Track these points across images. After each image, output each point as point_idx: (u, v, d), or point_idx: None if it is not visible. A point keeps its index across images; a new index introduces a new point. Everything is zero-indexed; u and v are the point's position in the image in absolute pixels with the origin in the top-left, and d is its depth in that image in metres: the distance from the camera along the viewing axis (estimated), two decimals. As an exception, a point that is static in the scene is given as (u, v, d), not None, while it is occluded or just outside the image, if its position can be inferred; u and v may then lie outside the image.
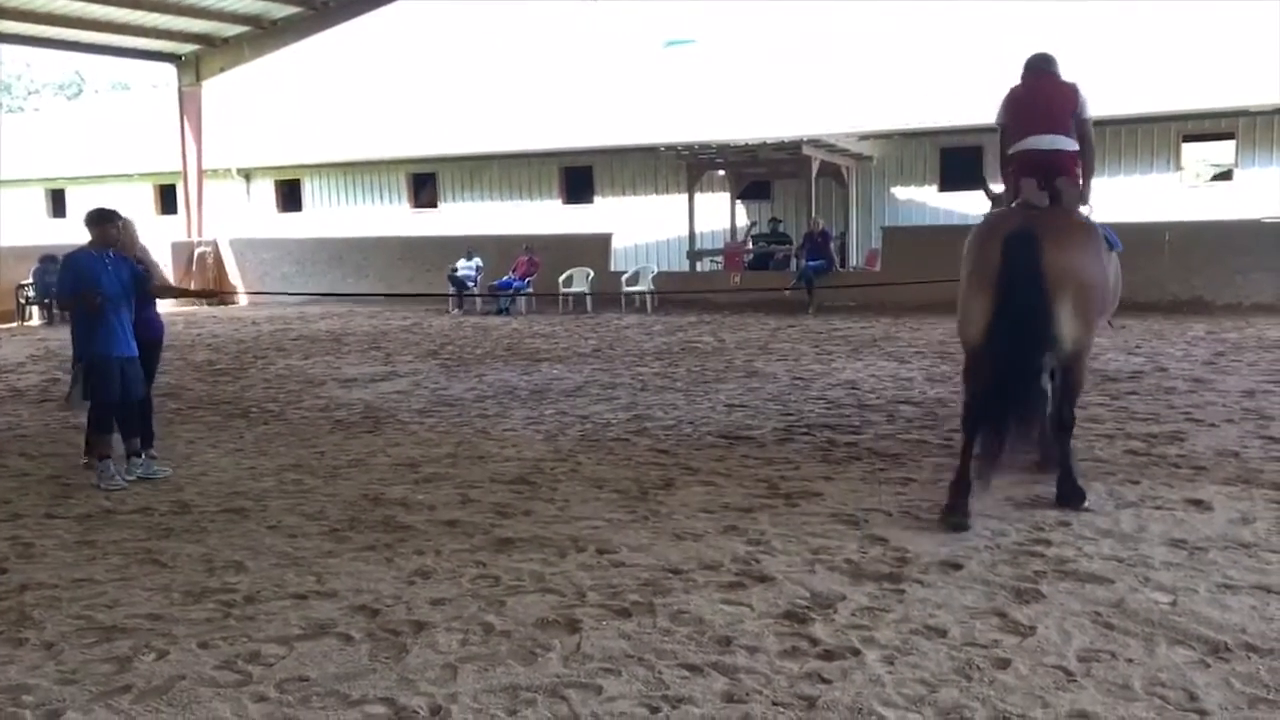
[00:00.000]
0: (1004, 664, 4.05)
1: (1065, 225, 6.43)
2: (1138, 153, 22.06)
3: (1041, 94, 7.30)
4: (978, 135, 22.68)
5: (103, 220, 7.50)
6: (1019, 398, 5.99)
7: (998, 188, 7.78)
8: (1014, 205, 6.94)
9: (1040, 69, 7.49)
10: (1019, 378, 6.00)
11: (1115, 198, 21.31)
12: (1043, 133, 7.05)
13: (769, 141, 21.05)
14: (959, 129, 22.69)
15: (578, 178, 27.04)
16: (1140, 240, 18.29)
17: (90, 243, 7.49)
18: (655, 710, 3.76)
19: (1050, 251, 6.07)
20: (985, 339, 6.12)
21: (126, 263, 7.60)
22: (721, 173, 23.88)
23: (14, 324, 19.71)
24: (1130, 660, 4.06)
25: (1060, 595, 4.74)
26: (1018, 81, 7.55)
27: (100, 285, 7.27)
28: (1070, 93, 7.18)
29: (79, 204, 32.21)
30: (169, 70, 25.10)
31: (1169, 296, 17.84)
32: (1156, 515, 5.93)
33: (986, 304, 6.11)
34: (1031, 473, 6.65)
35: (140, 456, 7.54)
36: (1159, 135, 21.98)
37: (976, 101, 22.38)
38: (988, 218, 7.00)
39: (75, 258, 7.50)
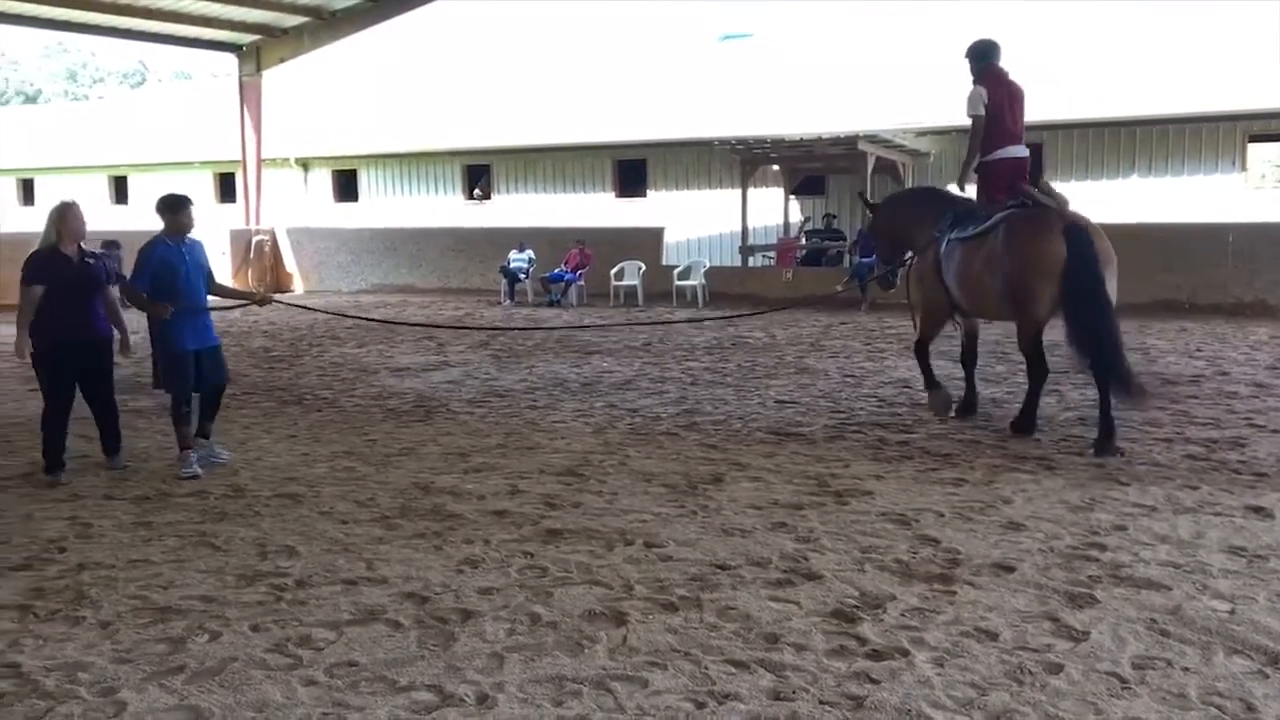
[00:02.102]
0: (1056, 669, 3.99)
1: (1089, 221, 8.09)
2: (1202, 153, 21.63)
3: (1019, 101, 8.65)
4: (1038, 132, 22.42)
5: (177, 206, 7.31)
6: (1098, 341, 7.61)
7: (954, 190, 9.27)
8: (1019, 204, 8.25)
9: (998, 61, 8.72)
10: (1094, 331, 7.62)
11: (1177, 198, 20.99)
12: (1020, 142, 8.59)
13: (824, 136, 20.90)
14: (1018, 126, 22.39)
15: (631, 171, 27.03)
16: (1203, 242, 18.03)
17: (164, 230, 7.31)
18: (701, 705, 3.75)
19: (1098, 241, 7.81)
20: (1066, 299, 7.66)
21: (201, 246, 7.49)
22: (775, 167, 23.76)
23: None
24: (1186, 669, 3.99)
25: (1115, 601, 4.66)
26: (997, 65, 8.67)
27: (181, 276, 7.15)
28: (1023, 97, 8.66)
29: (141, 191, 32.81)
30: (230, 60, 25.42)
31: (1231, 299, 17.49)
32: (1215, 521, 5.82)
33: (1052, 288, 7.67)
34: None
35: (208, 438, 7.52)
36: (1224, 135, 21.52)
37: (1037, 99, 22.14)
38: (1019, 215, 8.13)
39: (153, 251, 7.22)
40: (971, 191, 8.91)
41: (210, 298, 7.60)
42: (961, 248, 8.47)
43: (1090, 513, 6.03)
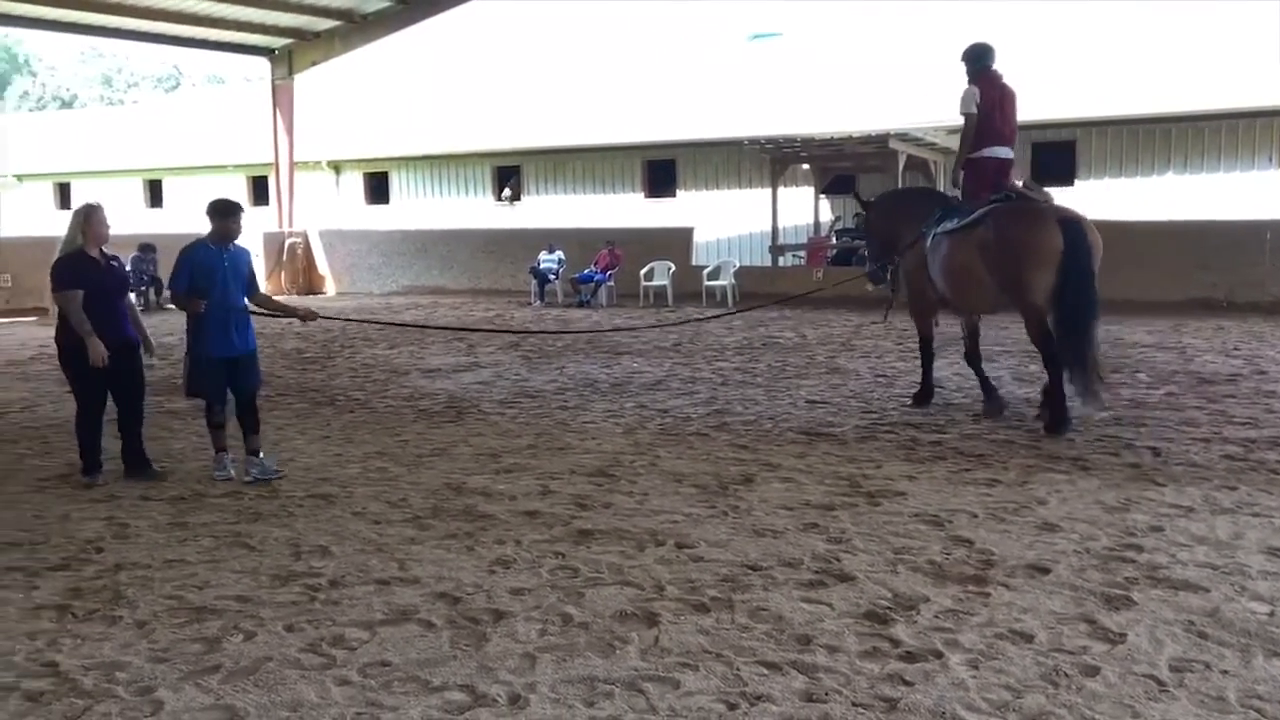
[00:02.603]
0: (1092, 671, 3.95)
1: (1080, 214, 8.48)
2: (1238, 149, 21.37)
3: (1010, 103, 9.14)
4: (1071, 130, 22.24)
5: (228, 211, 7.20)
6: (1082, 327, 8.05)
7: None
8: (1003, 198, 8.63)
9: (992, 64, 9.22)
10: (1082, 315, 8.06)
11: (1213, 195, 20.74)
12: (1008, 144, 9.09)
13: (855, 135, 20.81)
14: (1051, 123, 22.20)
15: (660, 171, 27.02)
16: (1240, 239, 17.83)
17: (209, 235, 7.19)
18: (733, 707, 3.74)
19: (1090, 233, 8.21)
20: (1060, 288, 8.04)
21: (246, 255, 7.37)
22: (806, 167, 23.68)
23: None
24: (1225, 671, 3.94)
25: (1152, 603, 4.61)
26: (991, 68, 9.18)
27: (216, 282, 7.03)
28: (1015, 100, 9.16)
29: (175, 194, 33.15)
30: (263, 64, 25.65)
31: (1269, 297, 17.28)
32: (1254, 522, 5.74)
33: (1051, 276, 8.05)
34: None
35: (259, 455, 7.27)
36: (1260, 131, 21.26)
37: (1069, 94, 21.96)
38: (1010, 209, 8.51)
39: (192, 253, 7.12)
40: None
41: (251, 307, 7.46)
42: (947, 241, 8.78)
43: (1126, 513, 5.97)
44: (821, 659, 4.11)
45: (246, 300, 7.35)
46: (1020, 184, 8.99)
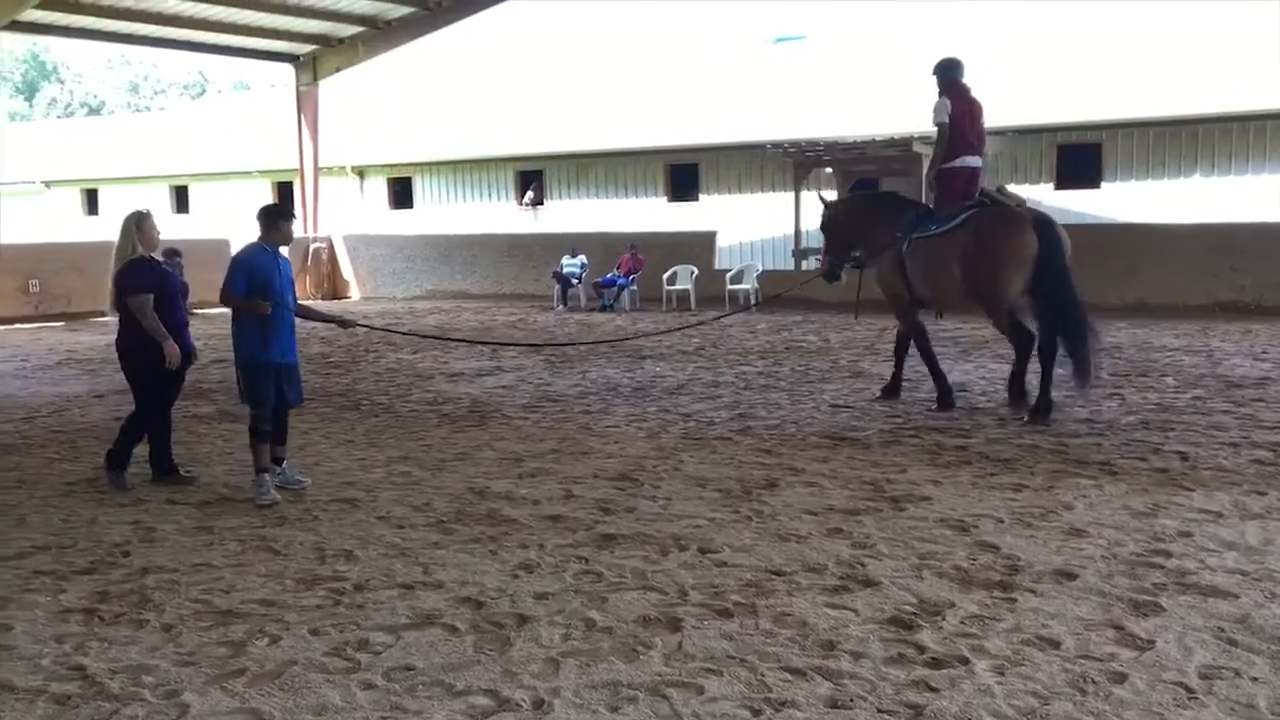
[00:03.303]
0: (1120, 678, 3.91)
1: (1048, 215, 9.17)
2: (1266, 151, 21.02)
3: (979, 114, 9.73)
4: (1097, 132, 22.08)
5: (281, 216, 7.05)
6: (1072, 324, 8.46)
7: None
8: (979, 204, 9.20)
9: (961, 78, 9.83)
10: (1069, 313, 8.52)
11: (1241, 197, 20.54)
12: (977, 154, 9.63)
13: (878, 138, 20.74)
14: (1076, 125, 22.07)
15: (683, 175, 27.00)
16: (1268, 241, 17.68)
17: (265, 238, 6.97)
18: (757, 713, 3.73)
19: (1062, 234, 8.79)
20: (1038, 288, 8.60)
21: (288, 262, 7.18)
22: (829, 170, 23.60)
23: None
24: (1255, 679, 3.90)
25: (1180, 609, 4.57)
26: (960, 81, 9.80)
27: (273, 286, 6.85)
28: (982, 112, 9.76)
29: (201, 200, 33.39)
30: (287, 70, 25.79)
31: (1299, 300, 17.11)
32: (1285, 528, 5.68)
33: (1025, 274, 8.62)
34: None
35: (282, 463, 7.13)
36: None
37: (1095, 97, 21.82)
38: (988, 213, 9.08)
39: (248, 257, 6.90)
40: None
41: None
42: (926, 245, 9.33)
43: (1154, 519, 5.92)
44: (846, 665, 4.09)
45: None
46: (994, 190, 9.62)
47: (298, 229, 25.85)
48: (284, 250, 7.18)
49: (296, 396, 7.18)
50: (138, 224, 7.04)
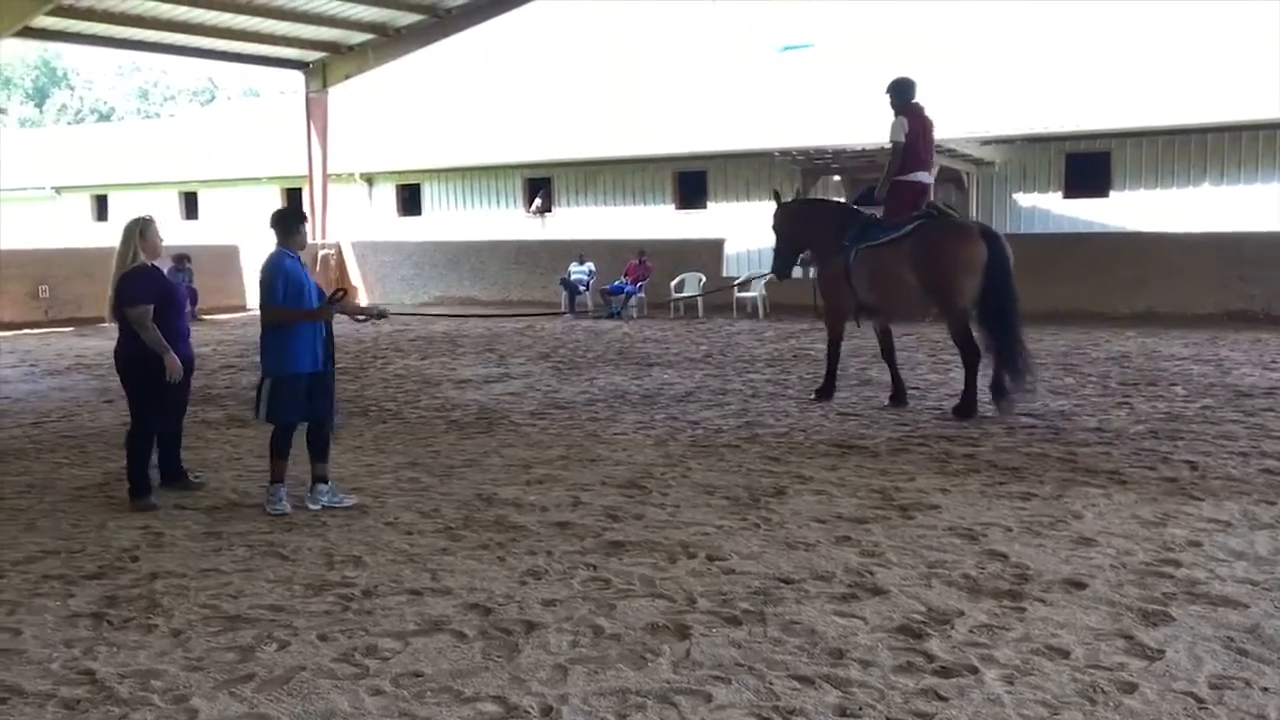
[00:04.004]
0: (1130, 688, 3.90)
1: (994, 229, 9.95)
2: (1276, 159, 21.07)
3: (930, 132, 10.37)
4: (1106, 140, 22.06)
5: (298, 220, 6.84)
6: (1010, 329, 9.20)
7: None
8: (926, 215, 9.78)
9: (914, 97, 10.41)
10: (1008, 318, 9.21)
11: (1251, 206, 20.50)
12: (928, 169, 10.34)
13: (886, 146, 20.70)
14: (1085, 134, 22.05)
15: (691, 182, 27.02)
16: (1278, 250, 17.61)
17: (290, 244, 6.74)
18: (766, 721, 3.72)
19: (1007, 245, 9.49)
20: (979, 301, 9.28)
21: (306, 267, 6.93)
22: (837, 178, 23.61)
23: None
24: (1266, 689, 3.88)
25: (1190, 618, 4.56)
26: (914, 101, 10.40)
27: (304, 294, 6.64)
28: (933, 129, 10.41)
29: (210, 206, 33.48)
30: (297, 77, 25.87)
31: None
32: (1295, 538, 5.66)
33: (977, 281, 9.24)
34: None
35: (326, 483, 6.81)
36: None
37: (1104, 105, 21.80)
38: (938, 224, 9.73)
39: (282, 262, 6.63)
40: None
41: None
42: (874, 254, 9.82)
43: (1163, 528, 5.91)
44: (855, 673, 4.08)
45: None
46: (941, 204, 10.26)
47: (306, 235, 26.01)
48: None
49: (327, 409, 6.82)
50: (141, 231, 6.86)
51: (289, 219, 6.84)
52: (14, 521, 6.52)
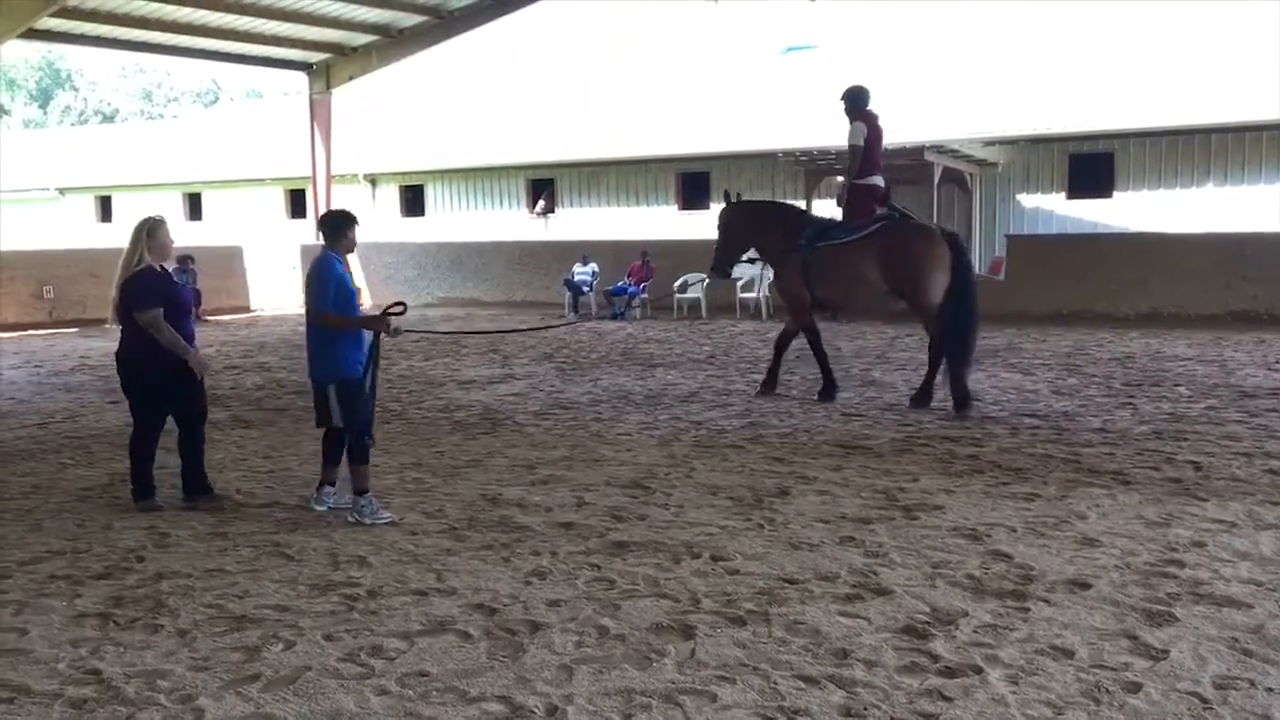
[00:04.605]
0: (1134, 688, 3.91)
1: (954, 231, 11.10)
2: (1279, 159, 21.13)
3: (880, 138, 10.88)
4: (1109, 141, 22.06)
5: (349, 222, 6.62)
6: (974, 329, 9.85)
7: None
8: (888, 216, 10.30)
9: (868, 104, 10.93)
10: (974, 317, 9.87)
11: (1254, 206, 20.49)
12: (881, 173, 10.85)
13: (889, 147, 20.61)
14: (1089, 134, 22.06)
15: (694, 183, 27.04)
16: (1282, 251, 17.59)
17: (338, 247, 6.57)
18: (771, 720, 3.73)
19: (965, 248, 10.25)
20: (949, 298, 9.77)
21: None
22: (840, 179, 23.58)
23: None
24: (1270, 689, 3.89)
25: (1194, 619, 4.56)
26: (868, 108, 10.89)
27: (353, 299, 6.53)
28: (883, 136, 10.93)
29: (214, 207, 33.52)
30: (300, 78, 25.89)
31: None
32: (1299, 539, 5.66)
33: (947, 279, 9.76)
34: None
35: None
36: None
37: (1107, 106, 21.80)
38: (902, 225, 10.26)
39: (334, 265, 6.45)
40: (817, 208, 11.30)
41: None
42: (836, 253, 10.27)
43: (1168, 529, 5.91)
44: (860, 673, 4.09)
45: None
46: (898, 208, 10.64)
47: (309, 236, 26.01)
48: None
49: (371, 409, 6.65)
50: (149, 232, 6.66)
51: (339, 221, 6.63)
52: (20, 522, 6.54)
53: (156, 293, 6.61)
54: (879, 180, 10.81)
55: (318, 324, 6.48)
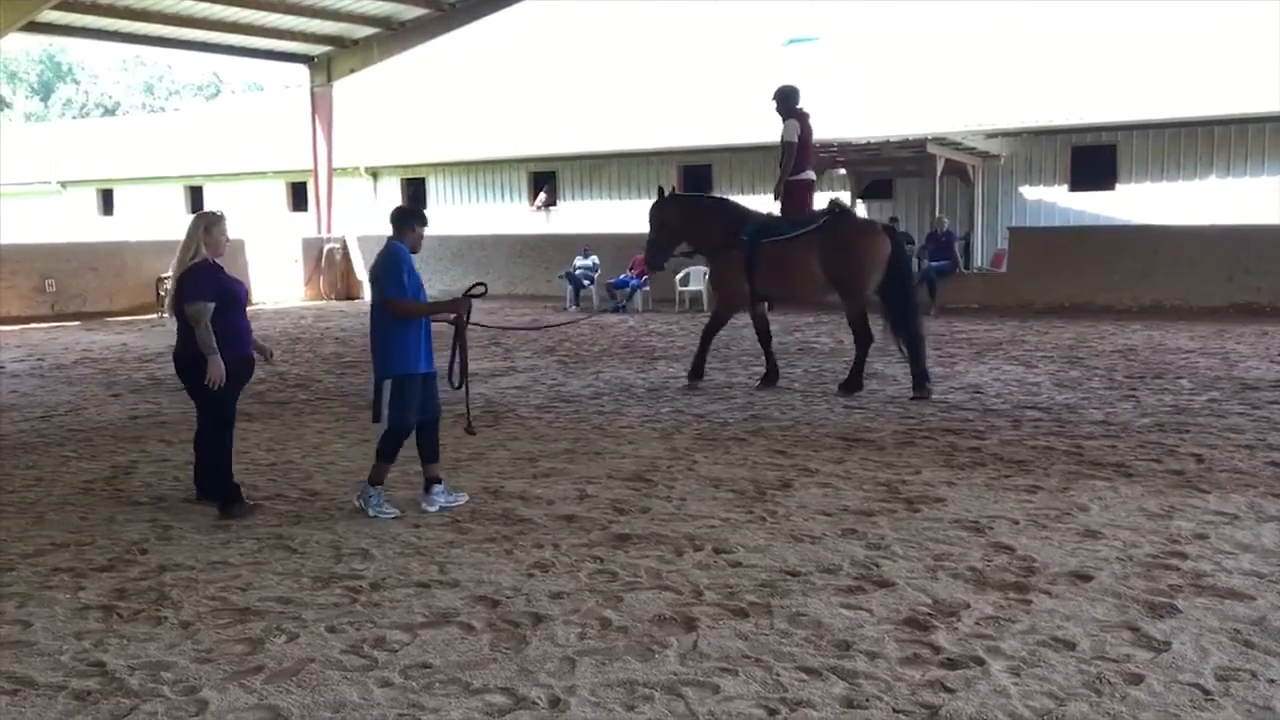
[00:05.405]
0: (1136, 680, 3.91)
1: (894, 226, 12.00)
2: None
3: (811, 135, 11.42)
4: (1112, 133, 22.02)
5: (418, 219, 6.54)
6: (913, 315, 10.33)
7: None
8: (829, 212, 10.82)
9: (799, 103, 11.49)
10: (915, 306, 10.50)
11: (1257, 199, 20.45)
12: (812, 168, 11.57)
13: (892, 140, 20.71)
14: (1091, 126, 22.01)
15: (696, 176, 27.00)
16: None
17: (394, 237, 6.52)
18: (773, 712, 3.74)
19: (903, 242, 10.95)
20: (886, 287, 10.35)
21: None
22: (842, 171, 23.58)
23: (154, 315, 20.57)
24: (1272, 680, 3.89)
25: (1196, 610, 4.57)
26: (800, 106, 11.42)
27: (421, 292, 6.48)
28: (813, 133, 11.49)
29: (216, 200, 33.48)
30: (301, 71, 25.85)
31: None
32: (1301, 531, 5.67)
33: (881, 275, 10.31)
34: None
35: (440, 483, 6.62)
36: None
37: (1110, 98, 21.75)
38: (845, 221, 10.86)
39: (404, 254, 6.41)
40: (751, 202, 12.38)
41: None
42: (781, 247, 10.64)
43: (1170, 521, 5.91)
44: (862, 665, 4.09)
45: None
46: (836, 203, 11.17)
47: (311, 229, 25.98)
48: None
49: (436, 408, 6.67)
50: (206, 227, 6.52)
51: (411, 217, 6.55)
52: (23, 515, 6.55)
53: (210, 287, 6.46)
54: (810, 174, 11.42)
55: (389, 313, 6.32)
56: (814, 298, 12.16)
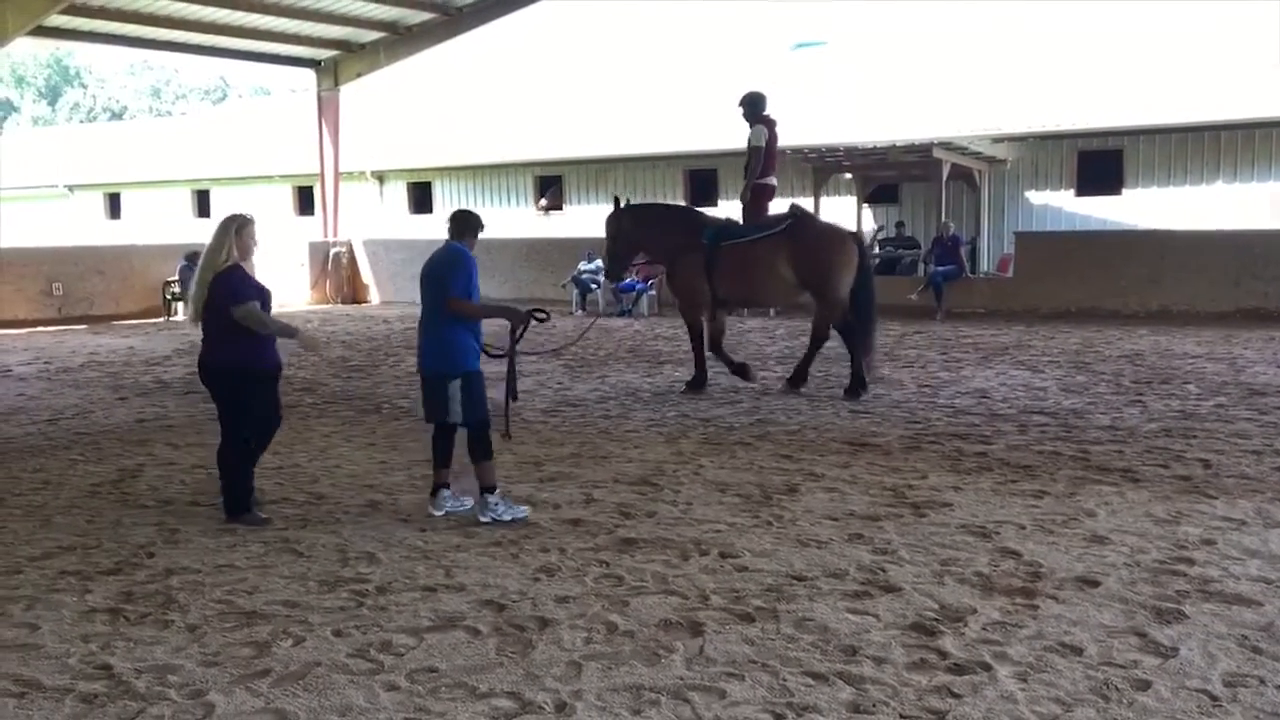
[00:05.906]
0: (1144, 685, 3.90)
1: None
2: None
3: (776, 141, 11.58)
4: (1118, 138, 22.00)
5: (476, 226, 6.55)
6: (873, 318, 10.75)
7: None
8: (792, 216, 10.90)
9: (765, 109, 11.70)
10: (872, 308, 10.73)
11: (1265, 203, 20.41)
12: (776, 174, 11.62)
13: (898, 144, 20.70)
14: (1098, 131, 21.99)
15: (702, 180, 27.00)
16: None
17: (457, 239, 6.52)
18: (780, 717, 3.73)
19: (866, 247, 11.63)
20: (854, 289, 10.59)
21: None
22: (848, 176, 23.59)
23: (160, 319, 20.62)
24: (1280, 687, 3.88)
25: (1204, 616, 4.55)
26: (767, 112, 11.66)
27: (478, 290, 6.47)
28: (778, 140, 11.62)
29: (223, 204, 33.55)
30: (308, 75, 25.92)
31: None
32: (1309, 536, 5.65)
33: (853, 277, 10.56)
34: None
35: (493, 492, 6.41)
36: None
37: (1116, 102, 21.73)
38: (813, 225, 11.16)
39: (466, 254, 6.43)
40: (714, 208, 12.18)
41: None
42: (743, 250, 10.71)
43: (1177, 526, 5.90)
44: (868, 670, 4.09)
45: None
46: (797, 207, 11.26)
47: (317, 233, 26.01)
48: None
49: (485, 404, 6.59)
50: (238, 230, 6.40)
51: (471, 221, 6.55)
52: (30, 518, 6.56)
53: (252, 288, 6.40)
54: (774, 181, 11.54)
55: (450, 313, 6.33)
56: (778, 300, 12.47)
